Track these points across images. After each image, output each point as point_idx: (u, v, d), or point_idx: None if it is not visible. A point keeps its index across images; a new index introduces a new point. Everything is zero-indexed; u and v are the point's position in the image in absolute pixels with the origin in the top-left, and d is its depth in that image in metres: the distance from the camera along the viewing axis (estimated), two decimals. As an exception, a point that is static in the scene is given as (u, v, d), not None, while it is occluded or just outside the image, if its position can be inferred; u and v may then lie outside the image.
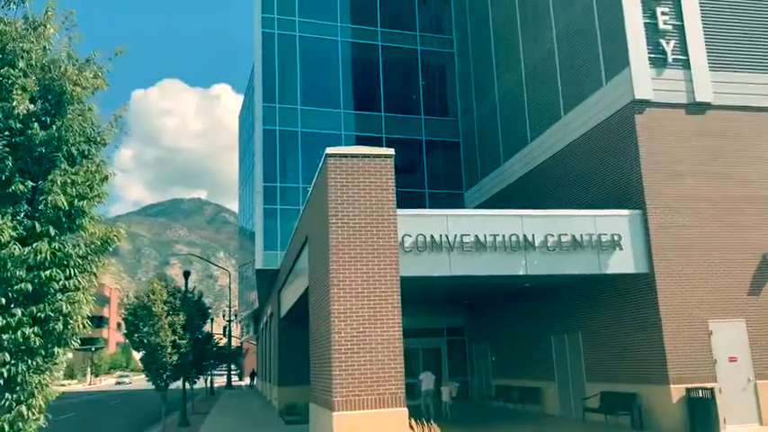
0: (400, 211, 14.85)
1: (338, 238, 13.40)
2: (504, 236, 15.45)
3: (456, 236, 15.20)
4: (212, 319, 42.04)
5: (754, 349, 15.96)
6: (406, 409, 12.89)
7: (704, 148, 16.91)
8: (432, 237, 15.05)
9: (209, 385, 46.29)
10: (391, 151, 13.78)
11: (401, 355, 13.17)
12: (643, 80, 16.82)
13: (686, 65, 17.21)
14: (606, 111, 17.83)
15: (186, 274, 25.47)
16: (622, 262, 16.03)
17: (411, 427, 11.44)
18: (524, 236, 15.57)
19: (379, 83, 29.80)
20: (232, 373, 62.14)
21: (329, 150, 13.93)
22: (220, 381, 64.69)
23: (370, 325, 13.06)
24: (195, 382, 26.46)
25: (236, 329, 75.46)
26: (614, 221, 16.22)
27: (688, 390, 15.26)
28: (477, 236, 15.29)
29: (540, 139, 21.63)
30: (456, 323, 28.85)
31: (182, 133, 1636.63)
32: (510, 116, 24.54)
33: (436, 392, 21.36)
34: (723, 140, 17.08)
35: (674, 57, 17.16)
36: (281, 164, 28.16)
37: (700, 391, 15.02)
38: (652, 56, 17.03)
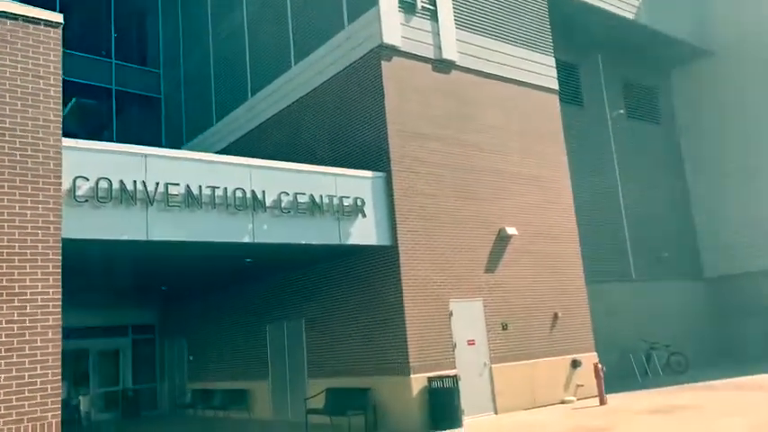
0: (72, 142, 9.98)
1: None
2: (226, 189, 11.54)
3: (158, 184, 10.80)
4: None
5: (490, 331, 14.76)
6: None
7: (446, 111, 15.33)
8: (122, 183, 10.41)
9: None
10: (59, 17, 8.78)
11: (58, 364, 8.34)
12: (392, 24, 14.55)
13: (434, 17, 15.46)
14: (350, 55, 15.17)
15: None
16: (365, 232, 13.41)
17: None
18: (253, 192, 11.88)
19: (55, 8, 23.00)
20: None
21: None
22: None
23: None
24: None
25: None
26: (357, 183, 13.53)
27: (429, 379, 13.25)
28: (188, 186, 11.10)
29: (268, 90, 18.11)
30: (146, 319, 23.64)
31: None
32: (228, 67, 20.57)
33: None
34: (463, 105, 15.73)
35: (422, 5, 15.27)
36: None
37: (442, 380, 13.11)
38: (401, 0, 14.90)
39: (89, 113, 23.48)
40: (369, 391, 13.84)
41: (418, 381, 13.17)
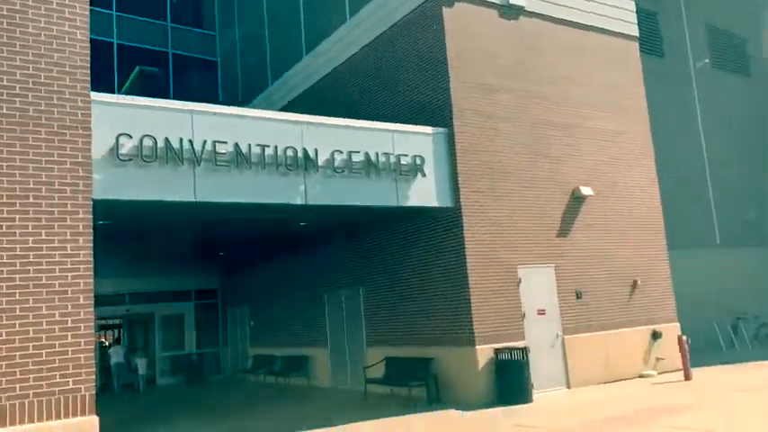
0: (113, 97, 9.48)
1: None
2: (276, 148, 10.81)
3: (206, 142, 10.16)
4: None
5: (563, 300, 13.65)
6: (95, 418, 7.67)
7: (514, 61, 14.05)
8: (167, 141, 9.82)
9: None
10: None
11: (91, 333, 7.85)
12: (454, -34, 13.33)
13: (501, -43, 14.12)
14: (408, 3, 14.06)
15: None
16: (425, 193, 12.46)
17: None
18: (305, 150, 11.10)
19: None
20: None
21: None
22: None
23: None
24: None
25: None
26: (416, 140, 12.56)
27: (496, 351, 12.34)
28: (237, 145, 10.42)
29: (323, 47, 17.23)
30: (208, 284, 23.65)
31: None
32: (282, 25, 19.79)
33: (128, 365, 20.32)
34: (533, 54, 14.40)
35: (488, -55, 13.94)
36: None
37: (510, 352, 12.17)
38: (464, -60, 13.60)
39: (150, 80, 23.27)
40: (431, 361, 13.06)
41: (484, 352, 12.28)
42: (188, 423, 12.83)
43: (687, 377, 13.34)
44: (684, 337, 13.68)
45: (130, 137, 9.53)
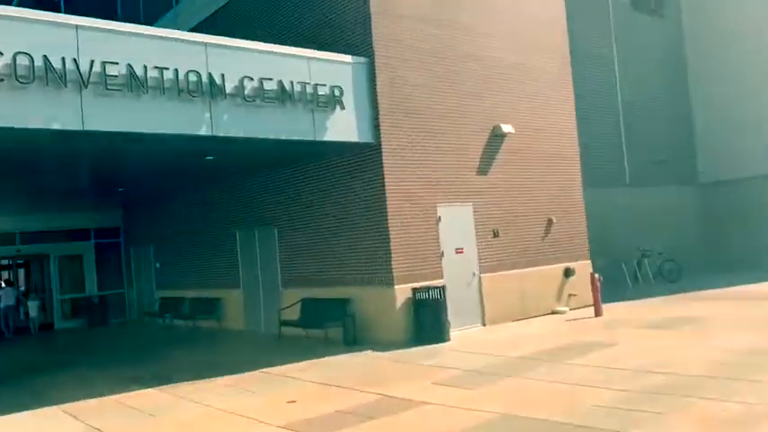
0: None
1: None
2: (177, 71, 9.68)
3: (93, 62, 8.91)
4: None
5: (480, 239, 13.49)
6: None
7: (439, -10, 13.32)
8: (46, 59, 8.51)
9: None
10: None
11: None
12: None
13: None
14: None
15: None
16: (344, 127, 11.72)
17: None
18: (210, 75, 10.02)
19: None
20: None
21: None
22: None
23: None
24: None
25: None
26: (335, 69, 11.70)
27: (414, 290, 12.07)
28: (131, 66, 9.22)
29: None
30: (109, 222, 22.12)
31: None
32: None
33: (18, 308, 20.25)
34: (459, -17, 13.71)
35: None
36: None
37: (428, 291, 11.93)
38: None
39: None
40: (348, 301, 12.67)
41: (402, 292, 11.99)
42: (88, 371, 11.91)
43: (598, 314, 13.65)
44: (597, 276, 13.93)
45: (1, 54, 8.18)
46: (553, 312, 14.52)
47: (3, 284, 21.65)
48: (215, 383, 9.71)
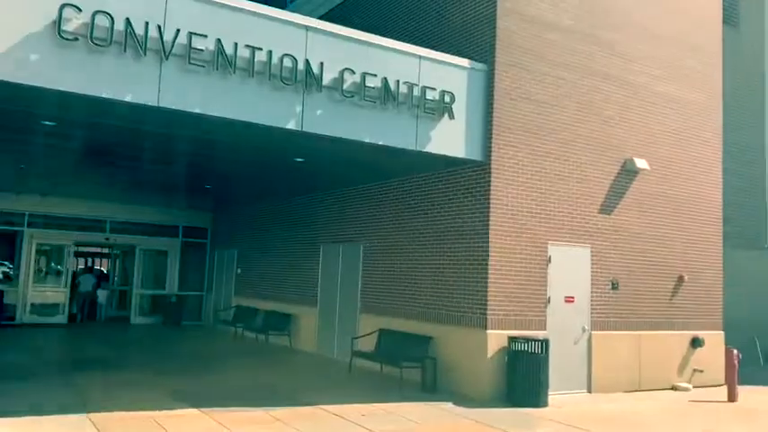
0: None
1: None
2: (271, 53, 8.52)
3: (179, 33, 7.89)
4: None
5: (596, 288, 11.44)
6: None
7: (579, -2, 11.59)
8: (129, 22, 7.56)
9: None
10: None
11: None
12: None
13: None
14: None
15: None
16: (451, 139, 10.17)
17: None
18: (307, 62, 8.80)
19: None
20: None
21: None
22: None
23: None
24: None
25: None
26: (449, 72, 10.21)
27: (511, 339, 10.20)
28: (220, 42, 8.14)
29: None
30: (198, 221, 21.65)
31: None
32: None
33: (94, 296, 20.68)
34: (602, -7, 11.92)
35: None
36: None
37: (527, 342, 10.03)
38: None
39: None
40: (430, 340, 10.99)
41: (496, 338, 10.16)
42: (138, 375, 10.87)
43: (732, 398, 11.17)
44: (735, 351, 11.46)
45: (79, 10, 7.29)
46: (673, 388, 12.13)
47: (82, 270, 21.66)
48: (262, 416, 8.28)
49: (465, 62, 10.40)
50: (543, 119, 11.01)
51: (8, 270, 20.45)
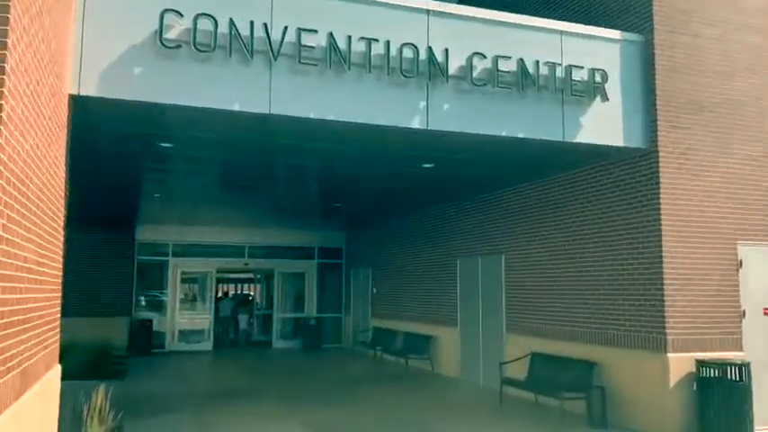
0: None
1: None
2: (389, 44, 7.49)
3: (287, 30, 7.09)
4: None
5: (804, 296, 9.18)
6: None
7: (754, -56, 9.53)
8: (233, 24, 6.87)
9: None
10: None
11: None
12: None
13: None
14: None
15: None
16: (605, 125, 8.57)
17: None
18: (430, 50, 7.68)
19: None
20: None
21: None
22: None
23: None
24: None
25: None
26: (596, 48, 8.64)
27: (699, 363, 8.31)
28: (332, 35, 7.24)
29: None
30: (333, 241, 21.24)
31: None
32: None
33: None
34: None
35: None
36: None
37: (721, 367, 8.10)
38: None
39: None
40: (594, 366, 9.32)
41: (679, 362, 8.32)
42: (265, 407, 10.19)
43: None
44: None
45: (181, 15, 6.70)
46: None
47: (222, 297, 21.97)
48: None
49: (616, 34, 8.77)
50: (722, 96, 9.06)
51: (159, 296, 21.20)
